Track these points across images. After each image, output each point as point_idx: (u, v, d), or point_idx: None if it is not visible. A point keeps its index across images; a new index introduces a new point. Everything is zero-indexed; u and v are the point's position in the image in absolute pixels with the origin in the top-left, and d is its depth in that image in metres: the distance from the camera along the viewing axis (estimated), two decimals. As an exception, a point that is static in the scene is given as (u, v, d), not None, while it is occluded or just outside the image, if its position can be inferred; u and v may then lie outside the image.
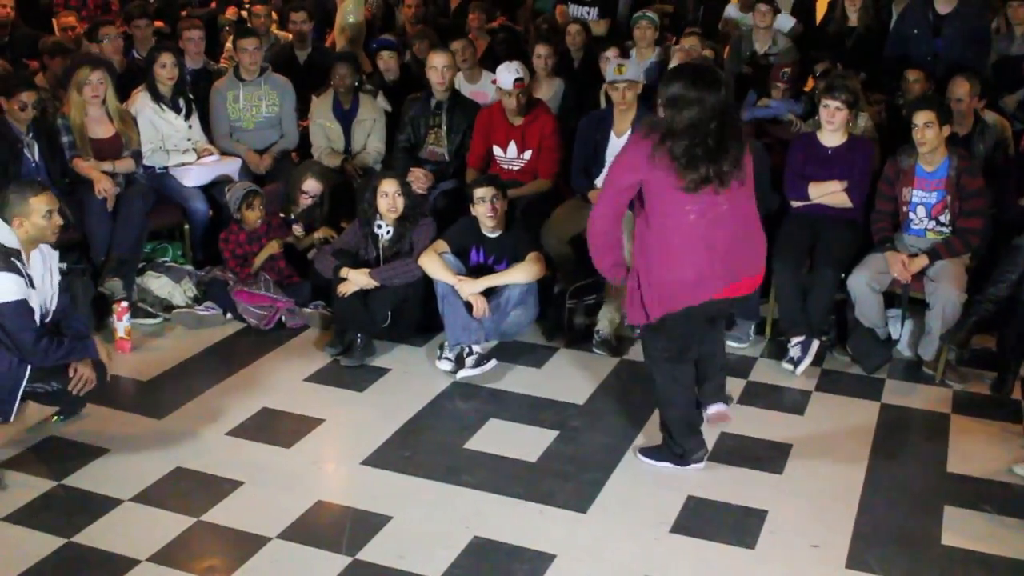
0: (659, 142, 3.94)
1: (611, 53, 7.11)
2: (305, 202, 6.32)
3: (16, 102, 5.84)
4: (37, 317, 4.42)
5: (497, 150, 6.30)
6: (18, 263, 4.29)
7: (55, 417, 4.74)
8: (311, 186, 6.33)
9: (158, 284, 6.07)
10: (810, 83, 7.53)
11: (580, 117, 6.25)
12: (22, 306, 4.27)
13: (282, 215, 6.33)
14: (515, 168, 6.26)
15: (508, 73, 6.08)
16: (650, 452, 4.57)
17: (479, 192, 5.54)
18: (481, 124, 6.35)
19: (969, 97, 5.99)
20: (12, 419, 4.35)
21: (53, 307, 4.57)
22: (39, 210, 4.37)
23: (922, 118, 5.29)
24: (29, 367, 4.33)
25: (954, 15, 7.07)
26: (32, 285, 4.35)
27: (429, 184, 6.40)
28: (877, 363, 5.43)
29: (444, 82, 6.50)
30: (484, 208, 5.53)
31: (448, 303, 5.37)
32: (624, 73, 5.76)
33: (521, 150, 6.24)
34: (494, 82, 6.32)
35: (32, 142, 5.91)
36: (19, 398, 4.34)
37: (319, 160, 6.85)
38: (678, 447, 4.47)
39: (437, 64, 6.47)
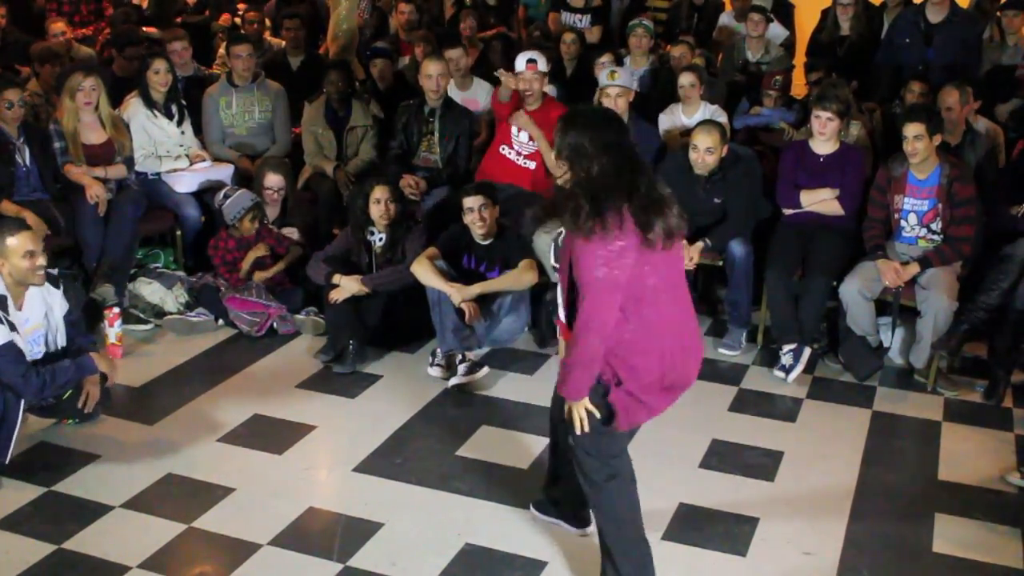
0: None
1: (606, 59, 7.13)
2: (272, 197, 6.28)
3: (2, 101, 5.81)
4: (37, 353, 4.42)
5: (513, 132, 6.28)
6: None
7: (69, 421, 4.74)
8: (272, 181, 6.29)
9: (150, 290, 6.06)
10: (803, 91, 7.56)
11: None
12: (6, 350, 4.20)
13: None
14: (525, 153, 6.24)
15: (521, 57, 6.17)
16: None
17: (467, 202, 5.55)
18: (501, 113, 6.35)
19: (959, 106, 5.99)
20: (8, 459, 4.29)
21: (62, 343, 4.56)
22: (17, 251, 4.26)
23: (912, 130, 5.30)
24: (22, 408, 4.30)
25: (945, 24, 7.11)
26: (15, 330, 4.27)
27: (422, 191, 6.40)
28: (868, 371, 5.44)
29: (438, 90, 6.51)
30: (472, 217, 5.54)
31: (440, 310, 5.37)
32: (617, 79, 5.78)
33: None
34: (502, 81, 6.26)
35: (23, 146, 5.90)
36: (14, 439, 4.29)
37: (310, 165, 6.84)
38: None
39: (432, 72, 6.48)
